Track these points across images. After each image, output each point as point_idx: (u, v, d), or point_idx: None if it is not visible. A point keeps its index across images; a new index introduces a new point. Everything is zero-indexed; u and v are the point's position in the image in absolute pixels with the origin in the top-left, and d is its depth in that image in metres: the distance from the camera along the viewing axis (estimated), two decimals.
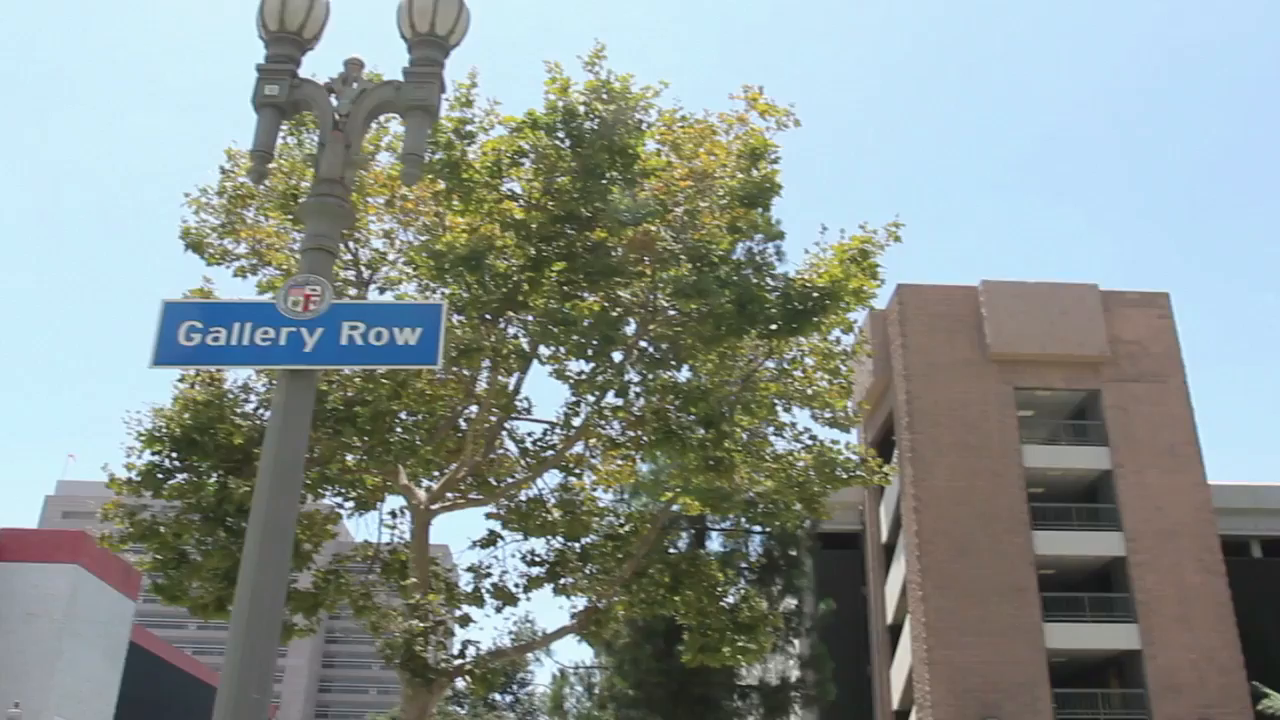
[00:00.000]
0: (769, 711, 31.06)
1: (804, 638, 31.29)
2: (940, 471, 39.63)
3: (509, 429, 13.25)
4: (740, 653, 12.61)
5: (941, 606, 37.66)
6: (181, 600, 11.96)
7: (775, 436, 13.15)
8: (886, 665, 43.05)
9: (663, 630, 28.67)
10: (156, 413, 11.75)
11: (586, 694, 34.74)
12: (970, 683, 36.55)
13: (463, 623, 11.72)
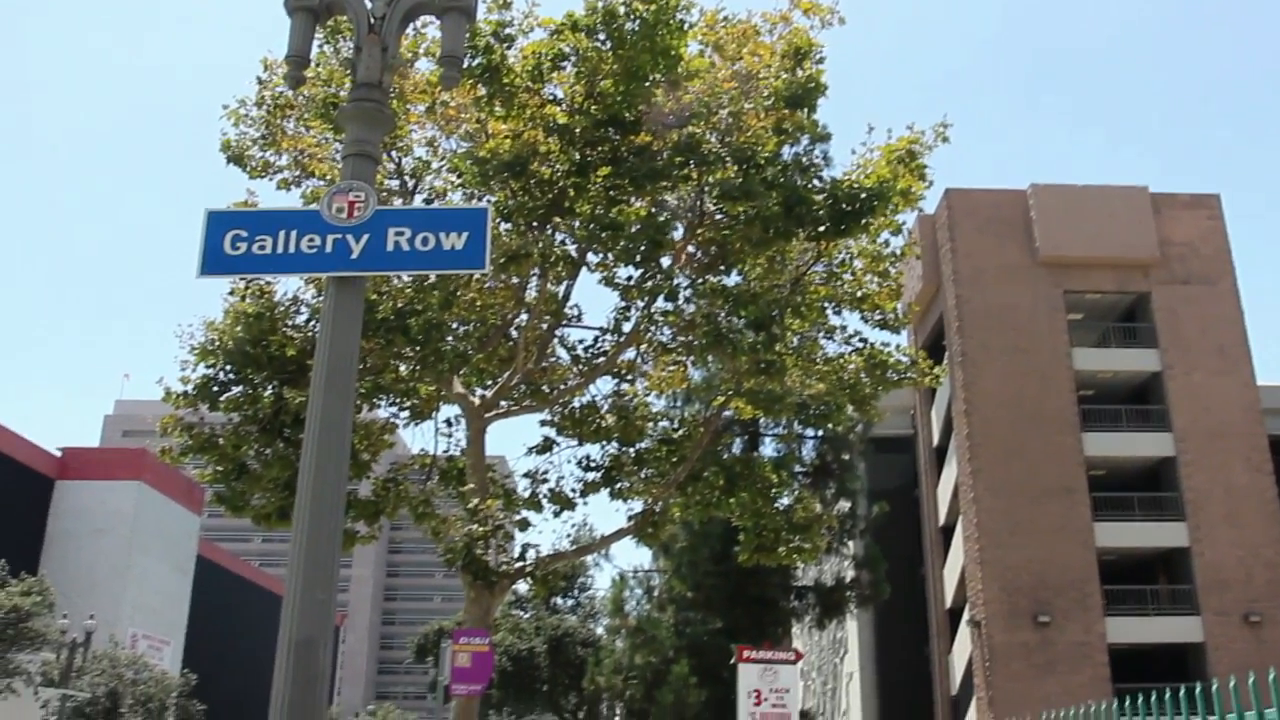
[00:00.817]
0: (824, 611, 31.44)
1: (858, 539, 31.51)
2: (990, 375, 39.48)
3: (560, 336, 13.25)
4: (796, 552, 12.67)
5: (993, 507, 37.79)
6: (244, 510, 12.18)
7: (825, 340, 13.06)
8: (939, 565, 43.39)
9: (719, 533, 28.99)
10: (209, 326, 11.85)
11: (645, 596, 35.30)
12: (1022, 581, 36.79)
13: (522, 527, 11.84)
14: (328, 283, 6.50)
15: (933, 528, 44.49)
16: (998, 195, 42.52)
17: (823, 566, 33.90)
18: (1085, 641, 36.17)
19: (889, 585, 30.93)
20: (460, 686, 10.73)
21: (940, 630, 43.21)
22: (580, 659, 35.71)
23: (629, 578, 35.09)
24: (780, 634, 30.43)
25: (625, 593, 34.69)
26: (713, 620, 30.30)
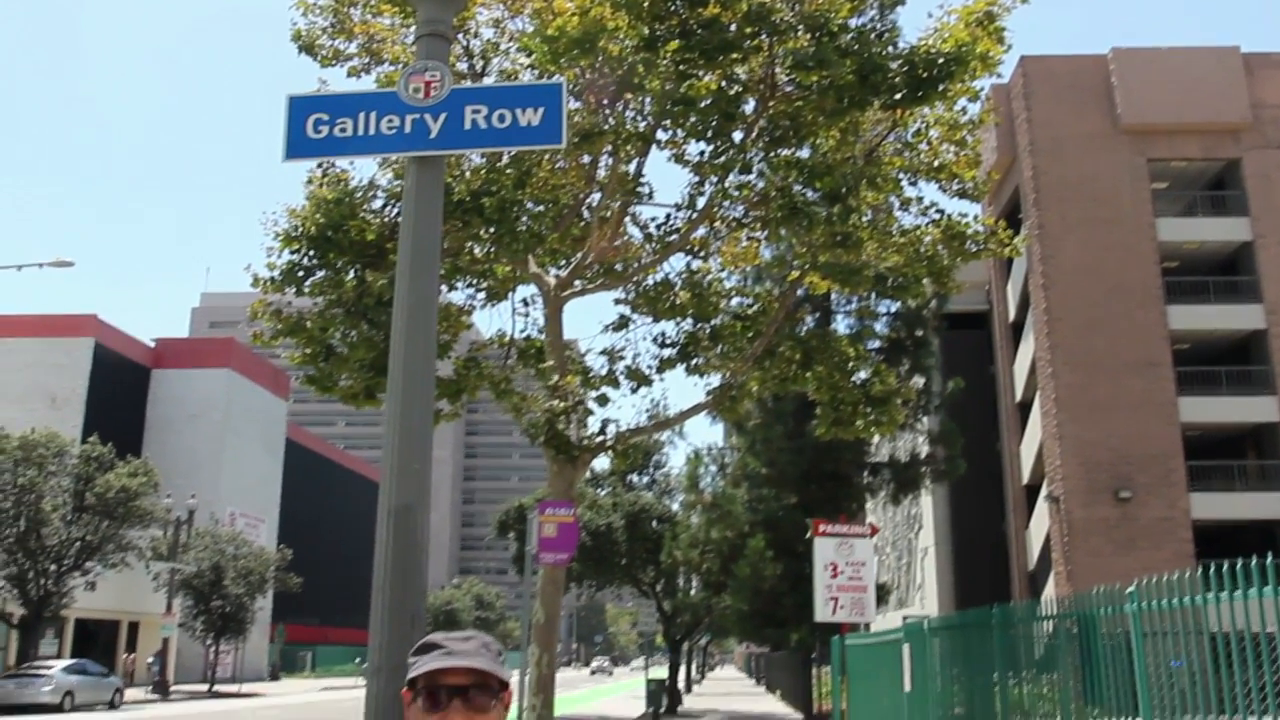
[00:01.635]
0: (899, 486, 31.58)
1: (932, 415, 31.45)
2: (1069, 248, 38.67)
3: (632, 214, 13.28)
4: (873, 425, 12.77)
5: (1072, 383, 37.42)
6: (332, 391, 12.59)
7: (901, 212, 12.92)
8: (1016, 441, 43.28)
9: (793, 410, 29.16)
10: (291, 213, 12.09)
11: (720, 473, 35.81)
12: (1101, 457, 36.58)
13: (601, 402, 12.06)
14: (408, 163, 6.64)
15: (1009, 404, 44.24)
16: (1076, 61, 41.01)
17: (897, 443, 34.00)
18: (1168, 517, 36.00)
19: (964, 461, 30.91)
20: (548, 555, 11.13)
21: (1017, 506, 43.30)
22: (657, 534, 36.53)
23: (703, 455, 35.60)
24: (855, 510, 30.73)
25: (700, 470, 35.21)
26: (787, 496, 30.65)
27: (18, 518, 35.69)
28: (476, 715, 2.19)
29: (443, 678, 2.19)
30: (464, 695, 2.18)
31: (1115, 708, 7.72)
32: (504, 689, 2.26)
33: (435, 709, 2.18)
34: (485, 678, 2.21)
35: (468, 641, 2.25)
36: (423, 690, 2.21)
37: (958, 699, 13.11)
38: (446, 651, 2.22)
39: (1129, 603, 7.40)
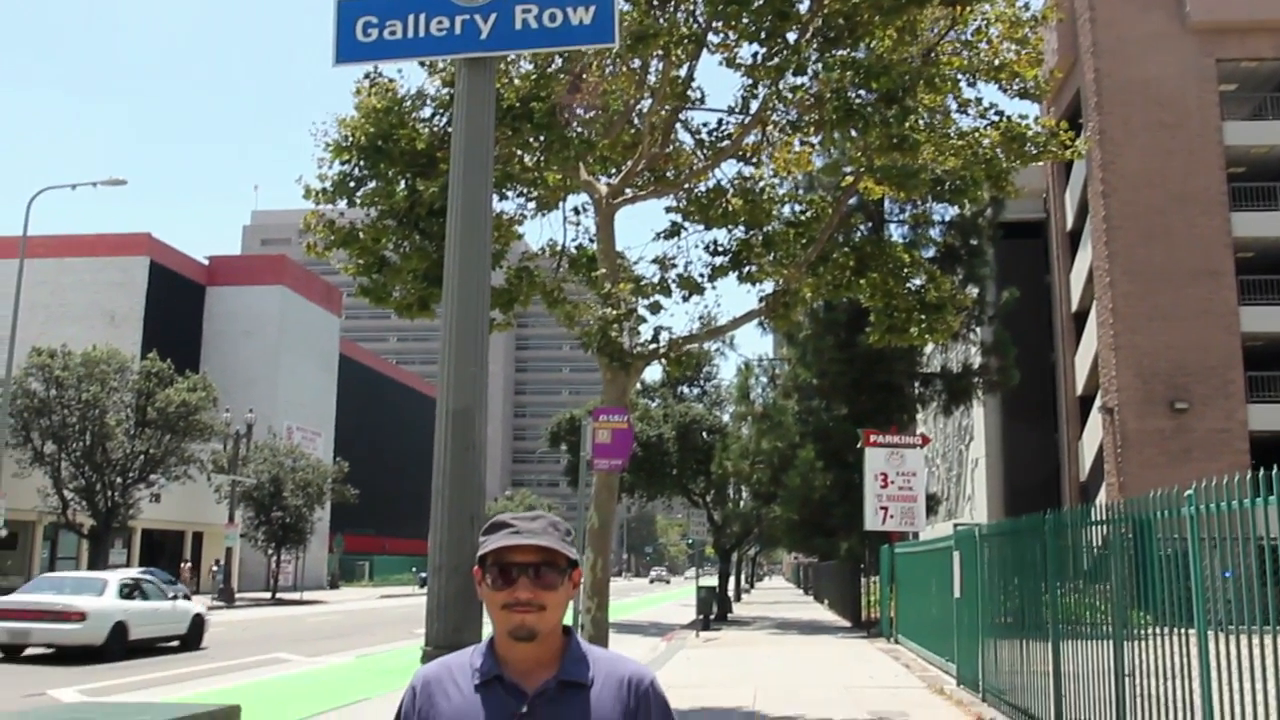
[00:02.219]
0: (951, 397, 31.42)
1: (986, 325, 31.11)
2: (1131, 153, 37.65)
3: (684, 120, 13.07)
4: (927, 332, 12.60)
5: (1129, 292, 36.74)
6: (386, 302, 12.63)
7: (959, 114, 12.59)
8: (1071, 352, 42.76)
9: (844, 321, 28.98)
10: (341, 123, 12.03)
11: (770, 385, 35.85)
12: (1158, 367, 36.03)
13: (653, 310, 12.00)
14: (459, 67, 6.56)
15: (1065, 314, 43.63)
16: None
17: (949, 354, 33.76)
18: (1225, 429, 35.50)
19: (1018, 372, 30.63)
20: (602, 461, 11.22)
21: (1070, 417, 42.93)
22: (708, 445, 36.73)
23: (754, 367, 35.61)
24: (906, 421, 30.64)
25: (751, 381, 35.26)
26: (838, 407, 30.62)
27: (83, 432, 36.72)
28: (544, 592, 2.23)
29: (511, 555, 2.23)
30: (532, 573, 2.22)
31: (1167, 616, 7.67)
32: (573, 567, 2.30)
33: (504, 587, 2.22)
34: (553, 555, 2.25)
35: (535, 520, 2.29)
36: (492, 567, 2.25)
37: (1007, 607, 13.15)
38: (515, 530, 2.25)
39: (1186, 505, 7.31)
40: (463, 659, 2.33)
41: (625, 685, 2.28)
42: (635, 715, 2.26)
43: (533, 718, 2.20)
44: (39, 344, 38.24)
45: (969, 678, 15.10)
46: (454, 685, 2.27)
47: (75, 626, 19.07)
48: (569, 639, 2.33)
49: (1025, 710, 11.73)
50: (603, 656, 2.35)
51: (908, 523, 25.05)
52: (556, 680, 2.24)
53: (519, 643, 2.24)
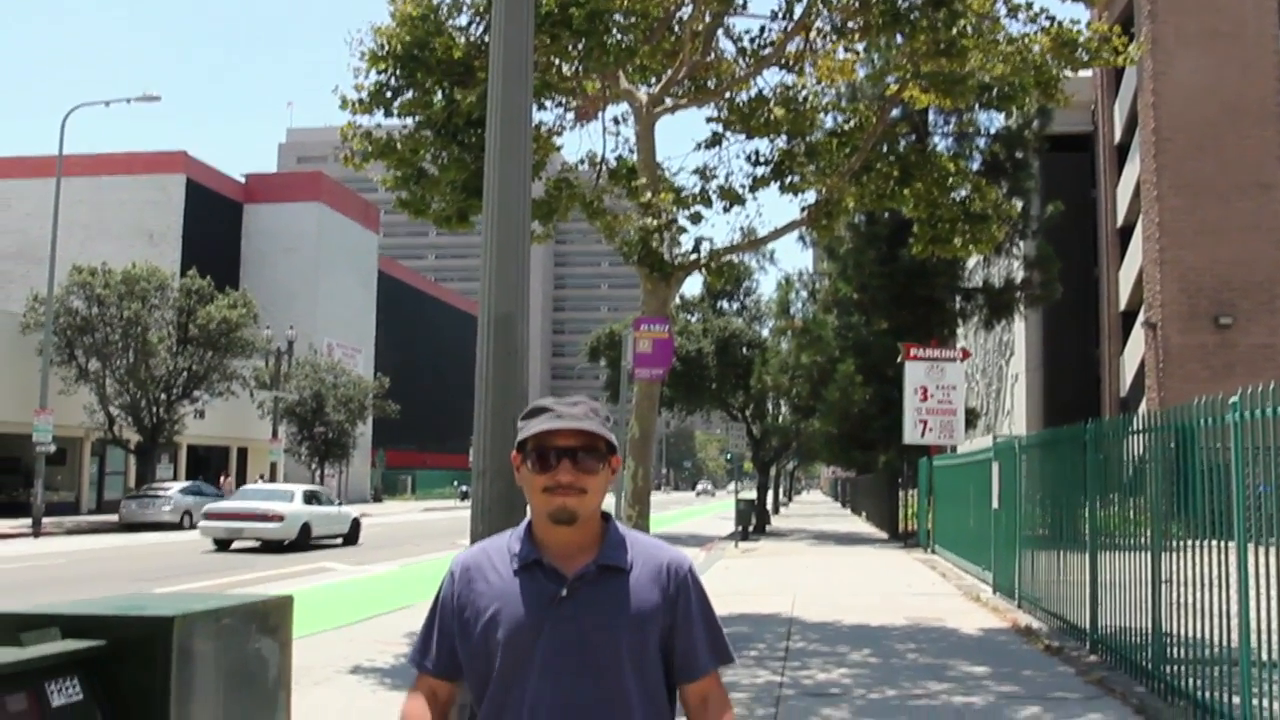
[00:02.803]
0: (993, 311, 31.16)
1: (1029, 239, 30.70)
2: (1183, 63, 36.61)
3: (726, 27, 12.83)
4: (970, 243, 12.46)
5: (1177, 206, 36.04)
6: (425, 214, 12.61)
7: (1009, 19, 12.28)
8: (1115, 267, 42.19)
9: (886, 234, 28.71)
10: (377, 32, 11.91)
11: (810, 299, 35.66)
12: (1203, 282, 35.49)
13: (694, 220, 11.91)
14: None
15: (1109, 229, 42.95)
16: None
17: (991, 268, 33.42)
18: (1268, 344, 35.02)
19: (1060, 286, 30.29)
20: (643, 371, 11.25)
21: (1112, 333, 42.49)
22: (747, 359, 36.73)
23: (794, 281, 35.40)
24: (946, 335, 30.48)
25: (791, 295, 35.09)
26: (878, 321, 30.46)
27: (127, 349, 37.22)
28: (584, 477, 2.23)
29: (551, 439, 2.23)
30: (572, 457, 2.22)
31: (1207, 529, 7.65)
32: (611, 453, 2.30)
33: (544, 470, 2.22)
34: (593, 440, 2.25)
35: (575, 406, 2.29)
36: (532, 452, 2.25)
37: (1044, 520, 13.19)
38: (555, 414, 2.25)
39: (1231, 412, 7.23)
40: (501, 544, 2.35)
41: (664, 571, 2.30)
42: (675, 601, 2.29)
43: (572, 601, 2.22)
44: (79, 262, 38.59)
45: (1005, 586, 15.22)
46: (493, 570, 2.29)
47: (275, 525, 24.87)
48: (608, 524, 2.34)
49: (1060, 616, 11.84)
50: (641, 542, 2.35)
51: (946, 436, 25.04)
52: (595, 564, 2.25)
53: (558, 526, 2.24)
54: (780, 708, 8.11)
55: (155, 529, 32.62)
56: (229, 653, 2.85)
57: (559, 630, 2.20)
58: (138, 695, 2.60)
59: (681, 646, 2.31)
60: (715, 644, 2.36)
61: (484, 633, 2.24)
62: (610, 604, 2.24)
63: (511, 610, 2.22)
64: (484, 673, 2.26)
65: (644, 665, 2.25)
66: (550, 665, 2.19)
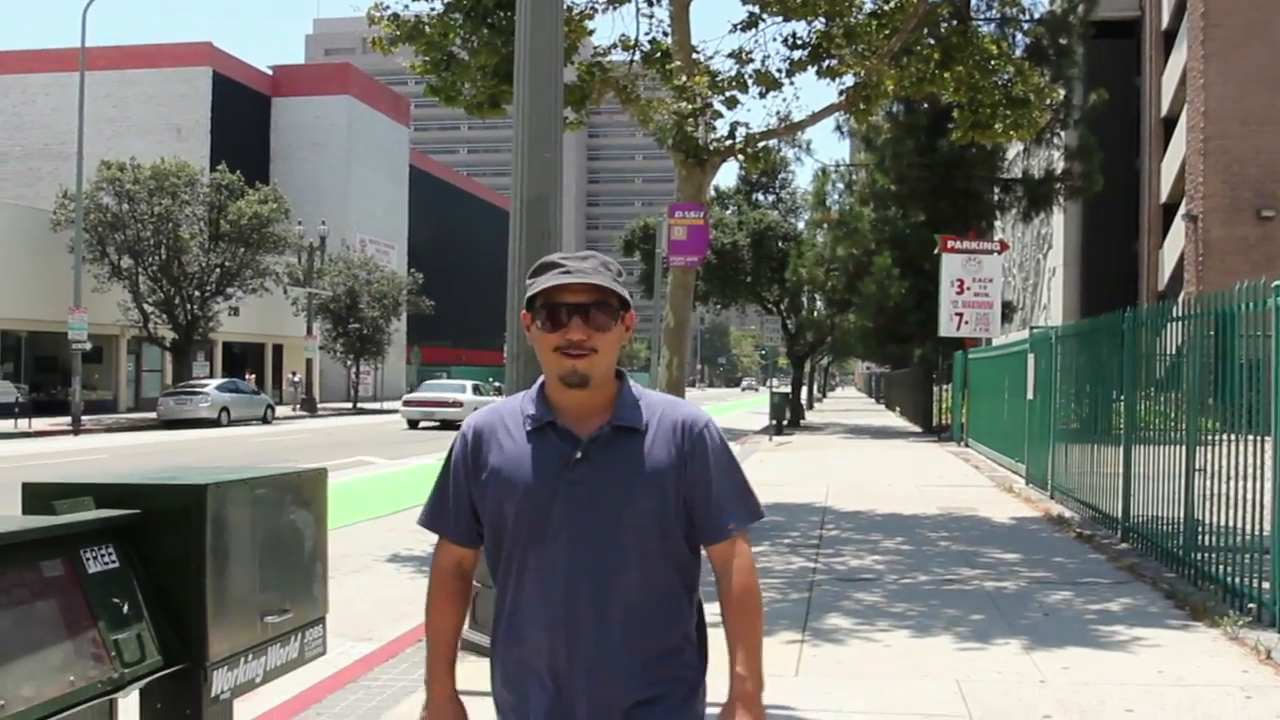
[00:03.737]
0: (1032, 203, 30.60)
1: (1071, 129, 29.97)
2: None
3: None
4: (1013, 128, 12.12)
5: (1224, 94, 34.99)
6: (456, 101, 12.39)
7: None
8: (1157, 158, 41.31)
9: (925, 124, 28.13)
10: None
11: (847, 191, 35.15)
12: (1248, 173, 34.62)
13: (730, 105, 11.64)
14: None
15: (1153, 118, 41.93)
16: None
17: (1031, 159, 32.74)
18: None
19: (1101, 178, 29.65)
20: (677, 258, 11.14)
21: (1152, 225, 41.80)
22: (782, 252, 36.39)
23: (830, 172, 34.85)
24: (984, 228, 30.01)
25: (827, 187, 34.57)
26: (915, 213, 30.03)
27: (158, 246, 37.22)
28: (597, 334, 2.13)
29: (561, 295, 2.13)
30: (583, 313, 2.12)
31: (1244, 420, 7.55)
32: (625, 309, 2.21)
33: (554, 328, 2.13)
34: (605, 294, 2.15)
35: (585, 260, 2.18)
36: (541, 310, 2.16)
37: (1078, 411, 13.11)
38: (564, 269, 2.14)
39: (1274, 296, 7.08)
40: (514, 406, 2.27)
41: (680, 428, 2.21)
42: (691, 457, 2.20)
43: (586, 464, 2.15)
44: (106, 158, 38.44)
45: (1038, 477, 15.23)
46: (506, 433, 2.22)
47: (456, 410, 32.81)
48: (622, 384, 2.25)
49: (1093, 506, 11.84)
50: (658, 401, 2.26)
51: (982, 329, 24.85)
52: (610, 426, 2.17)
53: (571, 388, 2.16)
54: (814, 592, 8.18)
55: (193, 426, 33.12)
56: (263, 523, 2.86)
57: (574, 493, 2.15)
58: (173, 563, 2.61)
59: (701, 505, 2.22)
60: (738, 501, 2.26)
61: (498, 497, 2.19)
62: (626, 465, 2.17)
63: (525, 474, 2.16)
64: (498, 539, 2.22)
65: (666, 527, 2.19)
66: (566, 529, 2.14)
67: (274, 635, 2.89)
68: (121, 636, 2.43)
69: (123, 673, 2.40)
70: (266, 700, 5.22)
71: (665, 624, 2.19)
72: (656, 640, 2.18)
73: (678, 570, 2.22)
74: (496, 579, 2.25)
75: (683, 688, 2.20)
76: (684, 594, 2.23)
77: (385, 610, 7.85)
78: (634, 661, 2.15)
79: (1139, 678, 5.85)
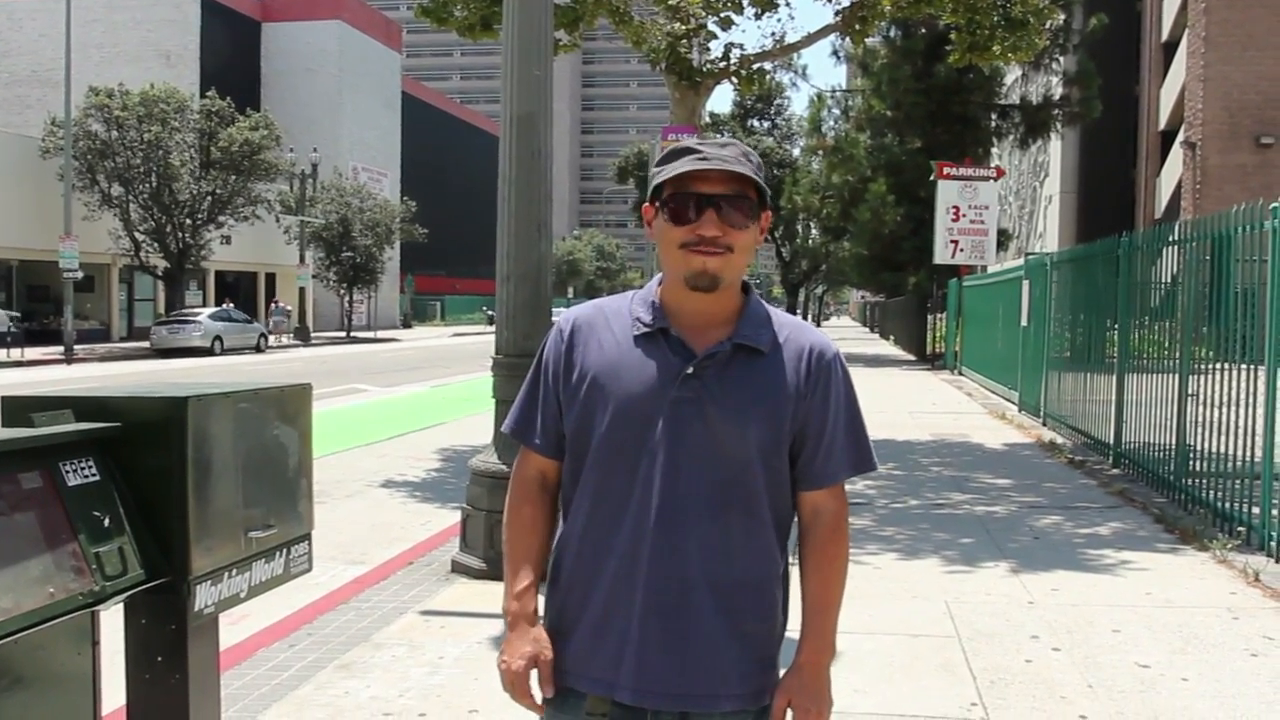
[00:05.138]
0: (1029, 130, 30.37)
1: (1070, 54, 29.62)
2: None
3: None
4: (1011, 50, 11.93)
5: (1226, 19, 34.53)
6: (447, 23, 12.18)
7: None
8: (1156, 85, 40.91)
9: (922, 49, 27.79)
10: None
11: (843, 117, 34.86)
12: (1248, 99, 34.29)
13: (724, 25, 11.43)
14: None
15: (1154, 43, 41.44)
16: None
17: (1029, 85, 32.41)
18: None
19: (1100, 104, 29.37)
20: None
21: (1150, 153, 41.53)
22: (777, 179, 36.20)
23: (826, 98, 34.52)
24: (981, 155, 29.81)
25: (823, 113, 34.27)
26: (911, 140, 29.82)
27: (148, 174, 36.82)
28: (732, 232, 1.85)
29: (695, 184, 1.85)
30: (718, 207, 1.85)
31: (1238, 347, 7.53)
32: (764, 208, 1.93)
33: (683, 221, 1.86)
34: (744, 186, 1.87)
35: (726, 148, 1.89)
36: (669, 200, 1.88)
37: (1073, 339, 13.10)
38: (701, 155, 1.86)
39: (1272, 218, 7.02)
40: (621, 305, 2.00)
41: (807, 355, 1.94)
42: (813, 391, 1.94)
43: (698, 380, 1.88)
44: (95, 85, 37.86)
45: (1031, 404, 15.27)
46: (609, 332, 1.95)
47: None
48: (748, 297, 1.98)
49: (1085, 433, 11.89)
50: (786, 321, 1.99)
51: (977, 256, 24.75)
52: (731, 342, 1.90)
53: (696, 292, 1.89)
54: None
55: (187, 354, 33.06)
56: (246, 437, 2.82)
57: (678, 413, 1.88)
58: (154, 476, 2.58)
59: (811, 446, 1.96)
60: (854, 449, 1.99)
61: (587, 404, 1.92)
62: (743, 389, 1.90)
63: (625, 382, 1.90)
64: (581, 451, 1.95)
65: (776, 463, 1.93)
66: (663, 451, 1.88)
67: (258, 551, 2.87)
68: (102, 549, 2.41)
69: (104, 585, 2.38)
70: (258, 620, 5.26)
71: (762, 572, 1.95)
72: (749, 589, 1.93)
73: (779, 512, 1.97)
74: (570, 502, 1.99)
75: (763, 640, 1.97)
76: (777, 542, 1.98)
77: (378, 534, 7.88)
78: (720, 613, 1.91)
79: (1127, 599, 5.89)
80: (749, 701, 1.93)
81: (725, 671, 1.91)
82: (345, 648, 4.95)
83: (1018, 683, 4.58)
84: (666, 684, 1.89)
